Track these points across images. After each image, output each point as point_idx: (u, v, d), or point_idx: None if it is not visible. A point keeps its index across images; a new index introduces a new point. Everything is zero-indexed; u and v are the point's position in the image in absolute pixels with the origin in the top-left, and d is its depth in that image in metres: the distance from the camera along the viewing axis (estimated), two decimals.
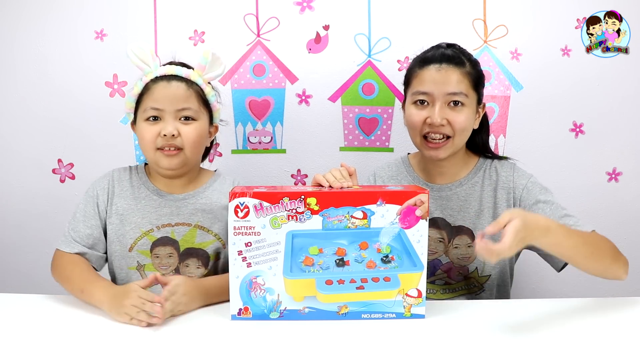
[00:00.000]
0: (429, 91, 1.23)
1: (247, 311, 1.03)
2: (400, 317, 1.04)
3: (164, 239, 1.24)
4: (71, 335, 0.98)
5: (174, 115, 1.19)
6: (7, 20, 1.69)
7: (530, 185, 1.27)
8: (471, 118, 1.25)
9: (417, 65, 1.27)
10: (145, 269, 1.25)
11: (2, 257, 1.79)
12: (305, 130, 1.72)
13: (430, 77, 1.23)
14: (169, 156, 1.20)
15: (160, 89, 1.19)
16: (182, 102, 1.19)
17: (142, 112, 1.21)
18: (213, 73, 1.25)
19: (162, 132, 1.18)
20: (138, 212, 1.25)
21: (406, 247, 1.02)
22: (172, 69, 1.21)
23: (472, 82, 1.24)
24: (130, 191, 1.28)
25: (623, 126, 1.71)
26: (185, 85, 1.21)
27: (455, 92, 1.21)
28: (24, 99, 1.72)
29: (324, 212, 1.00)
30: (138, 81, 1.23)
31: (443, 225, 1.31)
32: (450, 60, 1.23)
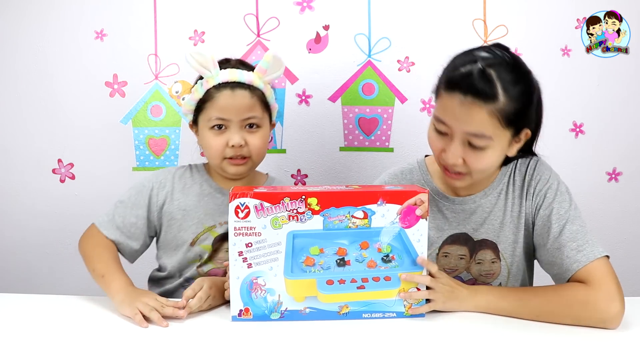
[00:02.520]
0: (448, 124, 1.04)
1: (248, 312, 1.03)
2: (400, 316, 1.04)
3: (225, 235, 1.24)
4: (71, 335, 0.98)
5: (239, 124, 1.20)
6: (7, 20, 1.69)
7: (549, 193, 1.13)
8: (497, 157, 1.07)
9: (444, 84, 1.05)
10: (205, 262, 1.26)
11: (2, 257, 1.78)
12: (305, 130, 1.72)
13: (451, 108, 1.02)
14: (237, 165, 1.22)
15: (225, 98, 1.19)
16: (248, 112, 1.20)
17: (205, 120, 1.21)
18: (274, 75, 1.25)
19: (229, 143, 1.19)
20: (201, 208, 1.27)
21: (406, 246, 1.03)
22: (234, 75, 1.20)
23: (504, 119, 1.00)
24: (193, 188, 1.29)
25: (623, 126, 1.71)
26: (249, 94, 1.20)
27: (476, 133, 1.01)
28: (24, 98, 1.72)
29: (325, 212, 1.00)
30: (198, 85, 1.22)
31: (465, 241, 1.19)
32: (477, 95, 0.99)
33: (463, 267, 1.20)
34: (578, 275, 1.04)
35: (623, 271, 1.07)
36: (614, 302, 0.99)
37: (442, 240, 1.19)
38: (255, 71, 1.22)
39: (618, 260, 1.08)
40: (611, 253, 1.06)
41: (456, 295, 1.05)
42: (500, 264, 1.19)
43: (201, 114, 1.22)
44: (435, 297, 1.04)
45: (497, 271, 1.19)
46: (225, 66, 1.22)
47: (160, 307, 1.03)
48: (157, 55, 1.70)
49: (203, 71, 1.19)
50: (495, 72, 1.00)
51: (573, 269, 1.04)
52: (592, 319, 0.99)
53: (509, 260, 1.18)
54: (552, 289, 1.06)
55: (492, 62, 1.02)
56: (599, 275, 1.02)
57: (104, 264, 1.16)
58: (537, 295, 1.05)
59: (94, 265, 1.17)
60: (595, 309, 0.99)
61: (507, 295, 1.06)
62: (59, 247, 1.75)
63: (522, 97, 1.02)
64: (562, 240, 1.07)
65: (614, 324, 0.99)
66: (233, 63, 1.25)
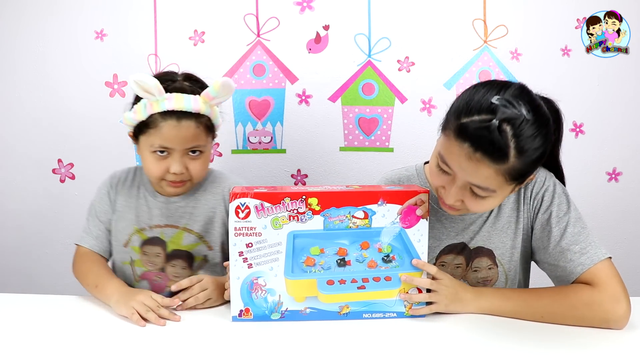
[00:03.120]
0: (452, 169, 0.98)
1: (248, 312, 1.03)
2: (401, 317, 1.04)
3: (154, 239, 1.26)
4: (71, 336, 0.98)
5: (182, 152, 1.17)
6: (7, 20, 1.69)
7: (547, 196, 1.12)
8: (496, 203, 1.03)
9: (455, 129, 0.96)
10: (135, 264, 1.27)
11: (3, 257, 1.79)
12: (305, 130, 1.72)
13: (457, 156, 0.95)
14: (175, 187, 1.21)
15: (170, 128, 1.14)
16: (192, 142, 1.17)
17: (148, 144, 1.17)
18: (221, 99, 1.20)
19: (170, 170, 1.17)
20: (134, 209, 1.27)
21: (407, 246, 1.02)
22: (180, 103, 1.14)
23: (511, 178, 0.96)
24: (131, 190, 1.30)
25: (623, 126, 1.71)
26: (194, 124, 1.16)
27: (479, 186, 0.97)
28: (24, 98, 1.72)
29: (325, 212, 1.00)
30: (141, 106, 1.15)
31: (461, 250, 1.17)
32: (488, 153, 0.92)
33: (460, 276, 1.17)
34: (583, 277, 1.03)
35: (623, 271, 1.06)
36: (619, 303, 0.98)
37: (439, 249, 1.17)
38: (202, 96, 1.16)
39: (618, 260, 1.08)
40: (611, 253, 1.06)
41: (459, 297, 1.04)
42: (498, 270, 1.17)
43: (143, 135, 1.18)
44: (438, 300, 1.03)
45: (495, 277, 1.18)
46: (170, 86, 1.16)
47: (157, 308, 1.05)
48: (157, 55, 1.70)
49: (148, 96, 1.13)
50: (511, 129, 0.92)
51: (577, 272, 1.03)
52: (597, 319, 0.99)
53: (506, 265, 1.17)
54: (557, 290, 1.05)
55: (510, 118, 0.92)
56: (603, 277, 1.01)
57: (94, 275, 1.19)
58: (542, 297, 1.04)
59: (87, 281, 1.20)
60: (601, 309, 0.98)
61: (512, 297, 1.05)
62: (59, 246, 1.75)
63: (535, 154, 0.95)
64: (564, 243, 1.06)
65: (620, 325, 0.98)
66: (179, 82, 1.19)
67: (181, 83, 1.19)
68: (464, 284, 1.08)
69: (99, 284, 1.16)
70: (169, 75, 1.21)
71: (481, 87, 0.99)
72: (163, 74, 1.21)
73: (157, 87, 1.12)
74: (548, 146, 0.98)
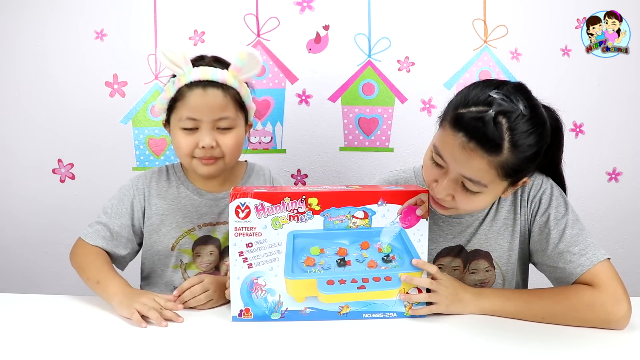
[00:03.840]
0: (445, 160, 0.98)
1: (248, 312, 1.03)
2: (401, 317, 1.04)
3: (205, 238, 1.25)
4: (72, 336, 0.98)
5: (211, 125, 1.15)
6: (7, 20, 1.69)
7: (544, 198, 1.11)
8: (488, 202, 1.03)
9: (450, 119, 0.97)
10: (187, 267, 1.25)
11: (3, 257, 1.79)
12: (305, 130, 1.72)
13: (452, 147, 0.96)
14: (208, 165, 1.18)
15: (196, 97, 1.14)
16: (220, 112, 1.15)
17: (176, 119, 1.17)
18: (250, 73, 1.18)
19: (200, 144, 1.15)
20: (179, 211, 1.24)
21: (407, 246, 1.02)
22: (207, 73, 1.14)
23: (503, 172, 0.95)
24: (170, 191, 1.26)
25: (623, 126, 1.71)
26: (222, 93, 1.15)
27: (471, 179, 0.96)
28: (24, 98, 1.72)
29: (325, 212, 1.00)
30: (170, 84, 1.17)
31: (458, 253, 1.17)
32: (482, 143, 0.92)
33: (457, 278, 1.15)
34: (583, 278, 1.03)
35: (623, 271, 1.06)
36: (620, 304, 0.98)
37: (437, 252, 1.17)
38: (230, 69, 1.16)
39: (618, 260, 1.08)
40: (611, 253, 1.06)
41: (460, 298, 1.04)
42: (495, 272, 1.17)
43: (173, 113, 1.18)
44: (438, 300, 1.03)
45: (492, 279, 1.18)
46: (198, 64, 1.17)
47: (159, 309, 1.03)
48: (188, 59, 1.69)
49: (175, 69, 1.15)
50: (507, 122, 0.92)
51: (577, 273, 1.03)
52: (598, 320, 0.99)
53: (503, 267, 1.17)
54: (558, 291, 1.05)
55: (506, 110, 0.93)
56: (603, 278, 1.01)
57: (97, 270, 1.15)
58: (543, 298, 1.03)
59: (88, 274, 1.15)
60: (602, 310, 0.98)
61: (513, 298, 1.05)
62: (59, 247, 1.75)
63: (529, 151, 0.95)
64: (563, 245, 1.06)
65: (621, 325, 0.98)
66: (207, 60, 1.20)
67: (209, 61, 1.19)
68: (464, 285, 1.07)
69: (101, 280, 1.12)
70: (198, 57, 1.21)
71: (480, 83, 1.01)
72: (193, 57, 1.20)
73: (184, 58, 1.14)
74: (542, 147, 0.98)
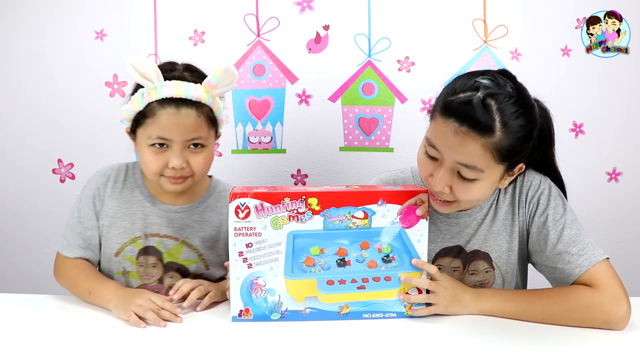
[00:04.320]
0: (439, 149, 0.98)
1: (248, 312, 1.03)
2: (401, 317, 1.04)
3: (150, 249, 1.19)
4: (72, 336, 0.98)
5: (182, 145, 1.09)
6: (8, 20, 1.70)
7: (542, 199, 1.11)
8: (487, 191, 1.02)
9: (440, 108, 0.99)
10: (130, 275, 1.21)
11: (3, 257, 1.79)
12: (305, 130, 1.72)
13: (444, 134, 0.96)
14: (176, 183, 1.12)
15: (169, 117, 1.07)
16: (192, 133, 1.09)
17: (145, 136, 1.09)
18: (224, 88, 1.13)
19: (170, 165, 1.09)
20: (128, 216, 1.19)
21: (407, 246, 1.02)
22: (180, 90, 1.07)
23: (498, 155, 0.95)
24: (123, 193, 1.20)
25: (623, 126, 1.71)
26: (195, 113, 1.08)
27: (467, 164, 0.96)
28: (24, 98, 1.72)
29: (325, 212, 1.00)
30: (139, 96, 1.09)
31: (457, 253, 1.16)
32: (473, 125, 0.93)
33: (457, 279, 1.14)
34: (581, 279, 1.03)
35: (623, 271, 1.07)
36: (620, 304, 0.98)
37: (435, 252, 1.17)
38: (204, 84, 1.09)
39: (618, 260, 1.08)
40: (611, 253, 1.06)
41: (459, 299, 1.04)
42: (495, 272, 1.17)
43: (141, 127, 1.10)
44: (437, 301, 1.02)
45: (492, 280, 1.17)
46: (170, 74, 1.09)
47: (157, 310, 1.02)
48: (157, 55, 1.70)
49: (145, 82, 1.07)
50: (495, 103, 0.94)
51: (576, 274, 1.03)
52: (598, 321, 0.98)
53: (503, 268, 1.17)
54: (557, 292, 1.04)
55: (494, 93, 0.94)
56: (603, 278, 1.01)
57: (86, 281, 1.12)
58: (543, 298, 1.03)
59: (77, 288, 1.13)
60: (602, 311, 0.98)
61: (512, 298, 1.05)
62: None
63: (521, 132, 0.96)
64: (561, 246, 1.06)
65: (621, 325, 0.98)
66: (179, 71, 1.12)
67: (181, 72, 1.12)
68: (463, 285, 1.07)
69: (92, 289, 1.10)
70: (169, 64, 1.14)
71: (466, 73, 1.03)
72: (162, 64, 1.13)
73: (155, 71, 1.05)
74: (533, 128, 0.99)
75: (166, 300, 1.05)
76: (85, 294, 1.11)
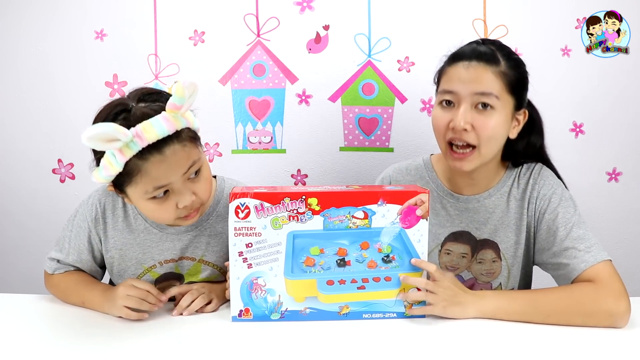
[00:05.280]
0: (455, 90, 1.09)
1: (248, 312, 1.03)
2: (401, 317, 1.04)
3: (168, 275, 1.17)
4: (72, 336, 0.98)
5: (182, 180, 1.01)
6: (8, 20, 1.69)
7: (554, 198, 1.15)
8: (503, 125, 1.10)
9: (447, 62, 1.15)
10: None
11: (3, 257, 1.79)
12: (305, 130, 1.72)
13: (457, 75, 1.10)
14: (192, 218, 1.07)
15: (156, 165, 0.97)
16: (185, 164, 1.00)
17: (140, 193, 1.00)
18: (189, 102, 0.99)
19: (179, 205, 1.02)
20: (138, 246, 1.15)
21: (407, 246, 1.02)
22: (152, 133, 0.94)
23: (507, 83, 1.09)
24: (126, 223, 1.15)
25: (623, 126, 1.71)
26: (179, 145, 0.98)
27: (483, 92, 1.07)
28: (24, 98, 1.72)
29: (325, 212, 1.00)
30: (110, 158, 0.95)
31: (467, 240, 1.20)
32: (481, 57, 1.09)
33: (464, 266, 1.21)
34: (585, 274, 1.04)
35: (623, 271, 1.07)
36: (622, 300, 1.00)
37: (444, 237, 1.20)
38: (169, 110, 0.96)
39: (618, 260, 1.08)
40: (611, 253, 1.07)
41: (459, 300, 1.02)
42: (501, 263, 1.19)
43: (129, 187, 1.00)
44: (434, 301, 1.01)
45: (498, 271, 1.19)
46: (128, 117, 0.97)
47: (145, 296, 1.04)
48: (157, 55, 1.70)
49: (112, 145, 0.93)
50: (493, 44, 1.13)
51: (581, 269, 1.05)
52: (602, 314, 0.99)
53: (510, 260, 1.19)
54: (561, 288, 1.06)
55: (489, 41, 1.15)
56: (606, 275, 1.03)
57: (75, 293, 1.12)
58: (547, 295, 1.04)
59: (71, 300, 1.13)
60: (606, 304, 0.99)
61: (517, 298, 1.04)
62: None
63: (521, 66, 1.13)
64: (569, 242, 1.08)
65: (623, 322, 0.99)
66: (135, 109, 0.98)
67: (138, 109, 0.98)
68: (465, 288, 1.06)
69: (84, 299, 1.10)
70: (119, 106, 1.00)
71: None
72: (110, 109, 1.00)
73: (117, 130, 0.91)
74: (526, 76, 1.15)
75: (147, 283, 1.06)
76: (79, 304, 1.12)
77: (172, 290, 1.10)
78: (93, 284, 1.14)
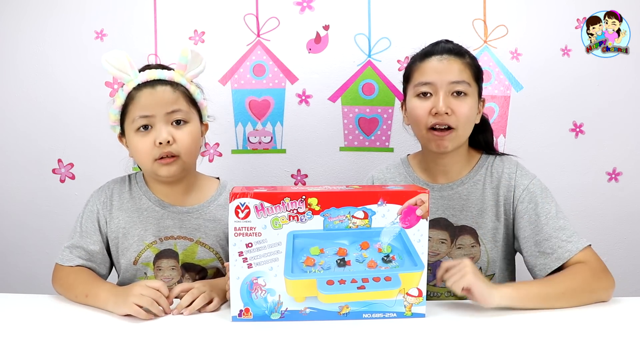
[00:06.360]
0: (432, 81, 1.21)
1: (248, 312, 1.03)
2: (401, 317, 1.04)
3: (167, 252, 1.23)
4: (73, 335, 0.98)
5: (164, 120, 1.15)
6: (8, 20, 1.70)
7: (532, 187, 1.23)
8: (474, 109, 1.24)
9: (417, 60, 1.27)
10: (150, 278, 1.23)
11: (3, 257, 1.79)
12: (305, 130, 1.72)
13: (432, 68, 1.22)
14: (167, 165, 1.16)
15: (146, 95, 1.14)
16: (171, 105, 1.15)
17: (130, 123, 1.16)
18: (195, 70, 1.20)
19: (156, 141, 1.13)
20: (140, 224, 1.23)
21: (407, 246, 1.02)
22: (153, 74, 1.16)
23: (473, 73, 1.24)
24: (131, 203, 1.25)
25: (623, 126, 1.71)
26: (170, 88, 1.16)
27: (458, 80, 1.21)
28: (24, 98, 1.72)
29: (325, 212, 1.00)
30: (119, 91, 1.17)
31: (445, 226, 1.28)
32: (451, 52, 1.23)
33: (445, 252, 1.28)
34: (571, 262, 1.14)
35: (623, 271, 1.08)
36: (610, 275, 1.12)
37: None
38: (175, 69, 1.18)
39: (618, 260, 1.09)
40: (611, 253, 1.08)
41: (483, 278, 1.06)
42: (480, 248, 1.26)
43: (126, 119, 1.17)
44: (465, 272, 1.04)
45: (477, 255, 1.27)
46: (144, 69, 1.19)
47: (158, 297, 1.05)
48: (157, 55, 1.70)
49: (121, 75, 1.15)
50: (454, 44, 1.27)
51: (565, 257, 1.14)
52: (603, 289, 1.10)
53: (488, 245, 1.26)
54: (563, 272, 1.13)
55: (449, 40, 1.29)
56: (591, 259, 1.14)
57: (82, 284, 1.15)
58: (556, 277, 1.11)
59: (74, 292, 1.15)
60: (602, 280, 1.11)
61: (532, 283, 1.12)
62: (59, 247, 1.74)
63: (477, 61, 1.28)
64: (551, 231, 1.17)
65: (609, 295, 1.11)
66: (153, 67, 1.20)
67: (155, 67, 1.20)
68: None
69: (89, 292, 1.12)
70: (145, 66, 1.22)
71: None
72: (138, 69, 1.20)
73: (130, 63, 1.15)
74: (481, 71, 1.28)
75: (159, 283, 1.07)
76: (82, 297, 1.13)
77: (175, 289, 1.11)
78: (100, 281, 1.17)
